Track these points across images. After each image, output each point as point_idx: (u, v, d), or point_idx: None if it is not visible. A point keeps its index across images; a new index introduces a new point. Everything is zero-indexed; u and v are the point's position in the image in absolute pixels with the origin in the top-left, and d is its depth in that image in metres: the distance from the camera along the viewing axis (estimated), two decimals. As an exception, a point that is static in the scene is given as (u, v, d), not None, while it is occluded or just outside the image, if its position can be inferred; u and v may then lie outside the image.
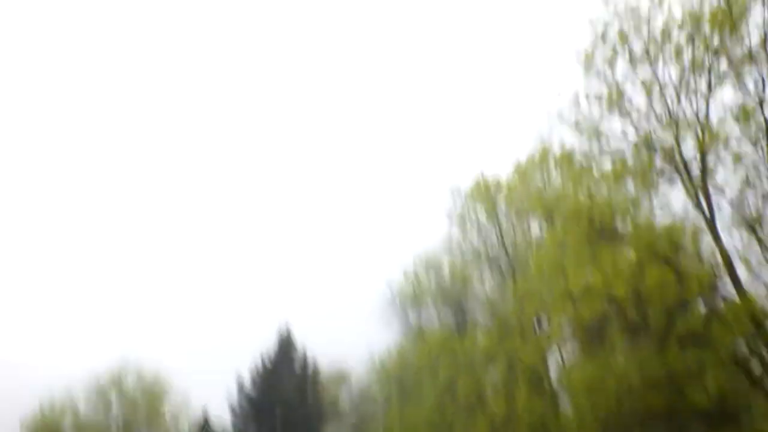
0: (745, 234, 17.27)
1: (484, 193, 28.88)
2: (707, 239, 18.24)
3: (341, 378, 43.75)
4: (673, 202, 18.79)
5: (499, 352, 24.50)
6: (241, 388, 42.11)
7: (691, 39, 18.09)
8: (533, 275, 23.35)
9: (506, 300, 26.03)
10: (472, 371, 25.51)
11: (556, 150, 24.01)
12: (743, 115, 17.04)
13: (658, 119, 18.75)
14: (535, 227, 26.16)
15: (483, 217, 28.78)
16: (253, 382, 42.25)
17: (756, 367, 17.50)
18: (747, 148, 17.06)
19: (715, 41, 17.62)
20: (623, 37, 19.22)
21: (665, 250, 18.32)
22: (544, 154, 25.82)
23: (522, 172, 27.24)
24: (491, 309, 27.05)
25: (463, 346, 26.43)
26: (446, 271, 30.95)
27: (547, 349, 23.42)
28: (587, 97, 19.93)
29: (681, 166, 18.14)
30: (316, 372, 42.46)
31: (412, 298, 32.39)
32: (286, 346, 42.81)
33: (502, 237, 27.52)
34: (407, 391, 29.56)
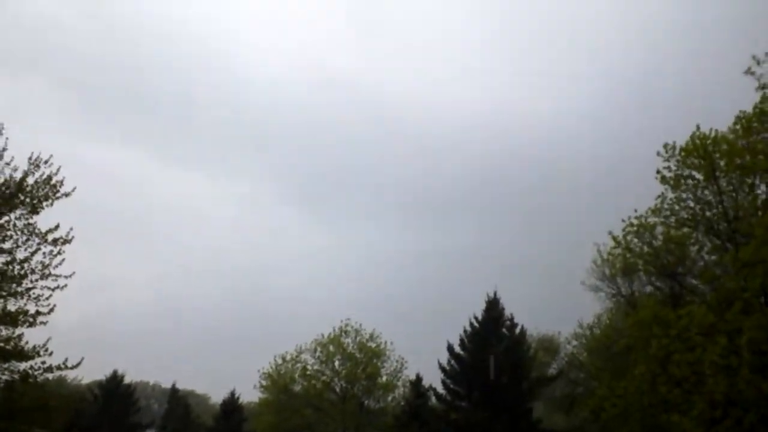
0: None
1: (701, 149, 25.90)
2: None
3: (548, 342, 43.10)
4: None
5: (718, 327, 22.14)
6: (450, 348, 43.22)
7: None
8: (758, 242, 20.64)
9: (726, 269, 23.33)
10: (688, 346, 23.38)
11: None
12: None
13: None
14: (762, 188, 22.99)
15: (700, 177, 25.91)
16: (462, 342, 43.12)
17: None
18: None
19: None
20: None
21: None
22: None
23: (746, 125, 23.99)
24: (709, 278, 24.45)
25: (678, 318, 24.26)
26: (659, 236, 28.52)
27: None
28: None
29: None
30: (523, 334, 42.28)
31: (623, 265, 30.47)
32: (493, 309, 42.99)
33: (721, 199, 24.57)
34: (617, 362, 28.13)
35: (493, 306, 42.71)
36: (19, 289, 23.53)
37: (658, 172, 26.41)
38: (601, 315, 37.00)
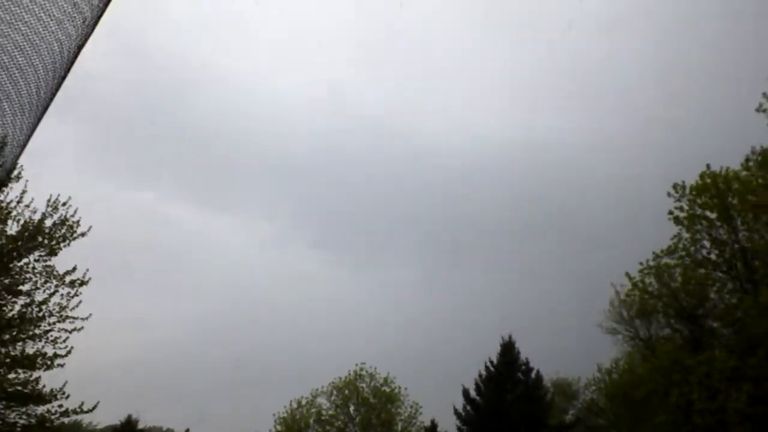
0: None
1: (713, 188, 25.68)
2: None
3: (566, 387, 42.39)
4: None
5: (742, 373, 21.74)
6: (466, 393, 42.55)
7: None
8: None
9: (748, 312, 23.00)
10: (709, 392, 22.93)
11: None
12: None
13: None
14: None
15: (713, 216, 25.62)
16: (477, 387, 42.45)
17: None
18: None
19: None
20: None
21: None
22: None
23: (763, 160, 23.95)
24: (730, 321, 24.10)
25: (699, 363, 23.84)
26: (678, 277, 28.18)
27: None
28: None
29: None
30: (539, 378, 41.57)
31: (639, 306, 30.02)
32: (508, 352, 42.41)
33: (737, 237, 24.36)
34: (637, 409, 27.52)
35: (509, 349, 42.10)
36: (37, 332, 23.63)
37: (670, 212, 26.24)
38: (619, 359, 36.45)
